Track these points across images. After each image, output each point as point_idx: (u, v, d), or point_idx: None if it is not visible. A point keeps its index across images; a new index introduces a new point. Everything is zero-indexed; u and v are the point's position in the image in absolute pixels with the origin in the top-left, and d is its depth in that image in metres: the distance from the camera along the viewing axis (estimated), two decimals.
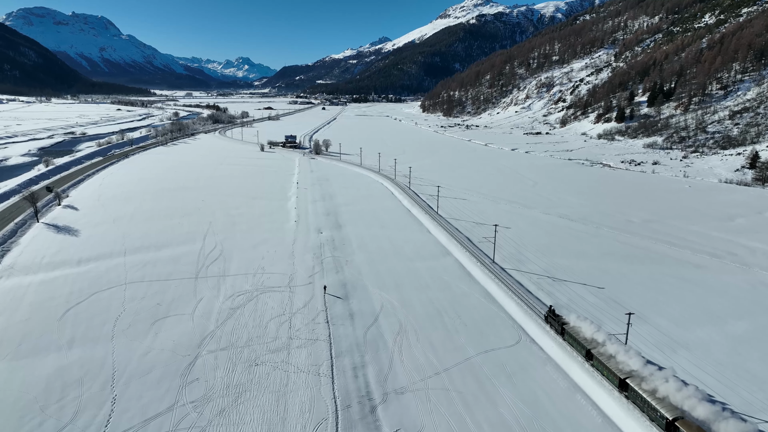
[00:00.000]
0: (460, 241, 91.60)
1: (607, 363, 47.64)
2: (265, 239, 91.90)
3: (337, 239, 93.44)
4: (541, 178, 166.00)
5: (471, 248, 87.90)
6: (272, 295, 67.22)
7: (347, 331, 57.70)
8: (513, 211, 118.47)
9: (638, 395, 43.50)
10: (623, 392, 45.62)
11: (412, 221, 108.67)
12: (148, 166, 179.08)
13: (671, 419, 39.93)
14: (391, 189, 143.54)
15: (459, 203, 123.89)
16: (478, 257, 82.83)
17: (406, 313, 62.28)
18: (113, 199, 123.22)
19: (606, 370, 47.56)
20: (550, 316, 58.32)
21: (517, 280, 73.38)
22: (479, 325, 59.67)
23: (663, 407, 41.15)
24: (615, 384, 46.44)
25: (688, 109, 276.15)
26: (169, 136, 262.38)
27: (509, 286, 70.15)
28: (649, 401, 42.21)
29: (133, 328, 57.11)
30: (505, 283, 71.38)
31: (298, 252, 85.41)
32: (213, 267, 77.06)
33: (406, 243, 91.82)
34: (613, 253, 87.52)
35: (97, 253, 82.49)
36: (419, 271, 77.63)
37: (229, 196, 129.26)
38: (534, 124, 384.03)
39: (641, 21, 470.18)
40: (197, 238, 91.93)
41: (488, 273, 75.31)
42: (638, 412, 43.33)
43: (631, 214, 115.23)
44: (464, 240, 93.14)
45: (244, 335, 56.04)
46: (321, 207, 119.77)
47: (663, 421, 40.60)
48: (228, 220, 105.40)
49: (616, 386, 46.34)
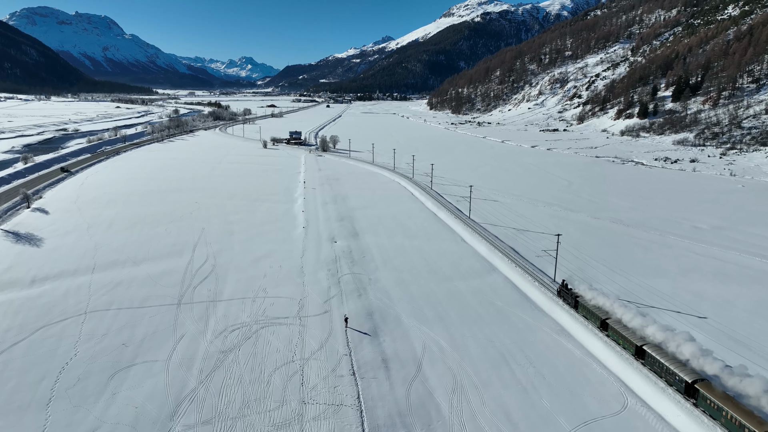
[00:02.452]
0: (506, 253, 74.94)
1: (622, 332, 46.74)
2: (268, 251, 75.47)
3: (355, 251, 76.86)
4: (575, 177, 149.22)
5: (521, 262, 71.31)
6: (277, 330, 50.80)
7: (382, 390, 41.20)
8: (556, 215, 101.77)
9: (656, 361, 42.49)
10: (640, 360, 44.45)
11: (441, 228, 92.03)
12: (140, 164, 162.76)
13: (690, 381, 38.89)
14: (411, 189, 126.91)
15: (491, 206, 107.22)
16: (533, 275, 66.22)
17: (459, 359, 45.74)
18: (93, 201, 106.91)
19: (622, 338, 46.66)
20: (563, 290, 57.41)
21: None
22: (564, 379, 43.10)
23: (681, 371, 40.12)
24: (632, 352, 45.39)
25: (718, 103, 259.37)
26: (166, 133, 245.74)
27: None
28: (667, 365, 41.20)
29: (82, 385, 40.74)
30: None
31: (309, 268, 68.96)
32: (202, 288, 60.66)
33: (440, 256, 75.19)
34: (697, 269, 70.74)
35: (58, 269, 66.17)
36: (463, 294, 61.04)
37: (228, 199, 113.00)
38: (549, 121, 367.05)
39: (657, 15, 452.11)
40: (186, 249, 75.54)
41: (553, 298, 58.63)
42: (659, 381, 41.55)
43: (695, 220, 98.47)
44: (508, 251, 76.50)
45: (238, 396, 39.63)
46: (333, 211, 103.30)
47: (682, 385, 39.54)
48: (224, 227, 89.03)
49: (632, 354, 45.29)
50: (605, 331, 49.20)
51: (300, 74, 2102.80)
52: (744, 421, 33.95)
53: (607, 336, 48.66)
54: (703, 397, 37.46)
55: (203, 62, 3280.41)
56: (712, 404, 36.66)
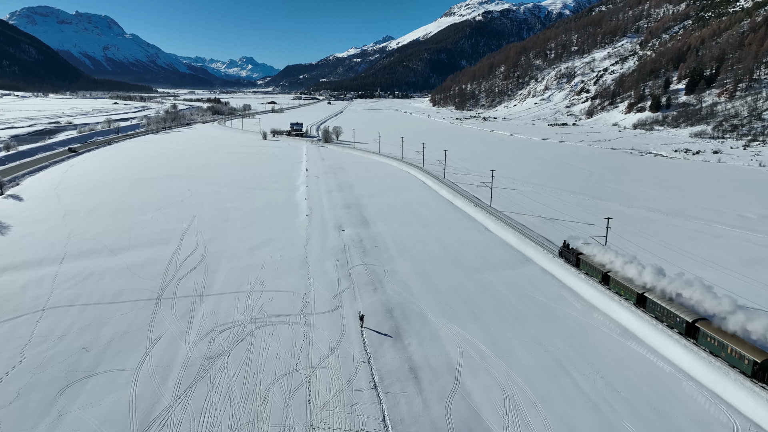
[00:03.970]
0: (539, 243, 65.36)
1: (624, 282, 46.81)
2: (267, 239, 65.93)
3: (366, 239, 67.28)
4: (595, 167, 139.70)
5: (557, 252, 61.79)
6: (277, 330, 41.27)
7: (414, 408, 31.62)
8: (583, 203, 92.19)
9: (656, 305, 42.39)
10: (641, 308, 44.38)
11: (460, 216, 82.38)
12: (132, 154, 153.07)
13: (691, 321, 38.80)
14: (422, 178, 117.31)
15: (511, 194, 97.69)
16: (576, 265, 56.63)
17: (505, 368, 36.16)
18: (74, 189, 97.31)
19: (623, 289, 46.82)
20: (564, 250, 58.05)
21: None
22: (641, 390, 33.56)
23: (682, 312, 39.92)
24: (633, 300, 45.47)
25: (734, 95, 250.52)
26: (162, 125, 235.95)
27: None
28: (667, 308, 41.13)
29: (21, 402, 31.20)
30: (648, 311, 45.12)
31: (314, 257, 59.41)
32: (187, 281, 51.10)
33: (463, 246, 65.60)
34: (761, 259, 61.29)
35: (21, 259, 56.59)
36: (496, 287, 51.45)
37: (224, 186, 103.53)
38: (557, 116, 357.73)
39: (665, 9, 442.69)
40: (173, 237, 66.03)
41: (606, 292, 48.97)
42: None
43: (738, 209, 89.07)
44: (542, 240, 66.97)
45: (225, 419, 30.09)
46: (338, 198, 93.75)
47: (683, 326, 39.34)
48: (218, 214, 79.50)
49: (634, 303, 45.32)
50: (606, 285, 49.64)
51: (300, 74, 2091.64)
52: (743, 351, 34.00)
53: (608, 289, 49.03)
54: (704, 334, 37.45)
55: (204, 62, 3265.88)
56: (713, 340, 36.73)
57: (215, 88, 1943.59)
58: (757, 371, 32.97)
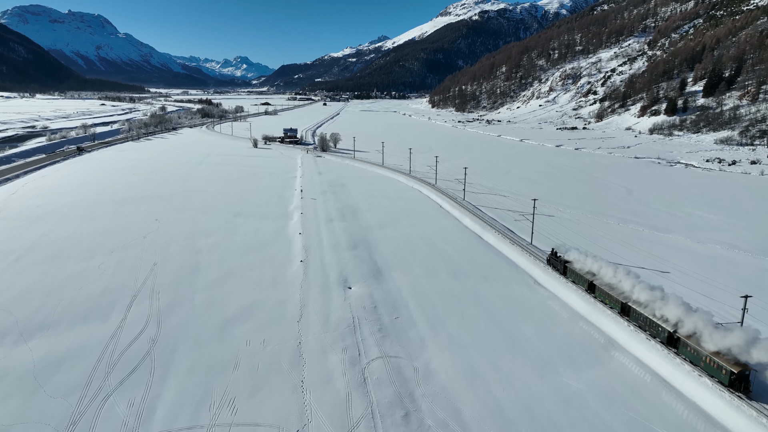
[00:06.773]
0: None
1: (609, 292, 46.63)
2: (247, 306, 48.23)
3: (381, 304, 49.63)
4: (629, 182, 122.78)
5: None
6: None
7: None
8: (642, 237, 74.99)
9: (640, 315, 42.65)
10: (625, 317, 44.36)
11: (497, 260, 64.78)
12: (102, 166, 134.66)
13: (672, 331, 39.07)
14: (437, 200, 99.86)
15: (548, 223, 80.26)
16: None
17: None
18: (15, 218, 78.99)
19: (608, 298, 46.66)
20: (552, 258, 57.54)
21: None
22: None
23: (663, 323, 40.16)
24: (617, 310, 45.37)
25: (757, 98, 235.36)
26: (144, 131, 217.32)
27: None
28: (650, 318, 41.38)
29: None
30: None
31: (312, 345, 41.65)
32: (117, 402, 33.32)
33: (513, 312, 48.05)
34: None
35: None
36: (587, 403, 34.08)
37: (201, 212, 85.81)
38: (564, 119, 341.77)
39: (673, 7, 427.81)
40: (118, 304, 48.21)
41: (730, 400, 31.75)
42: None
43: None
44: None
45: None
46: (341, 231, 76.05)
47: (665, 335, 39.70)
48: (188, 259, 61.70)
49: (618, 312, 45.27)
50: (592, 293, 49.51)
51: (295, 73, 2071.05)
52: (721, 362, 34.23)
53: (594, 297, 48.99)
54: (684, 344, 37.83)
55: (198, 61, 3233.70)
56: (692, 350, 37.03)
57: (209, 87, 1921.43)
58: (733, 381, 33.53)
